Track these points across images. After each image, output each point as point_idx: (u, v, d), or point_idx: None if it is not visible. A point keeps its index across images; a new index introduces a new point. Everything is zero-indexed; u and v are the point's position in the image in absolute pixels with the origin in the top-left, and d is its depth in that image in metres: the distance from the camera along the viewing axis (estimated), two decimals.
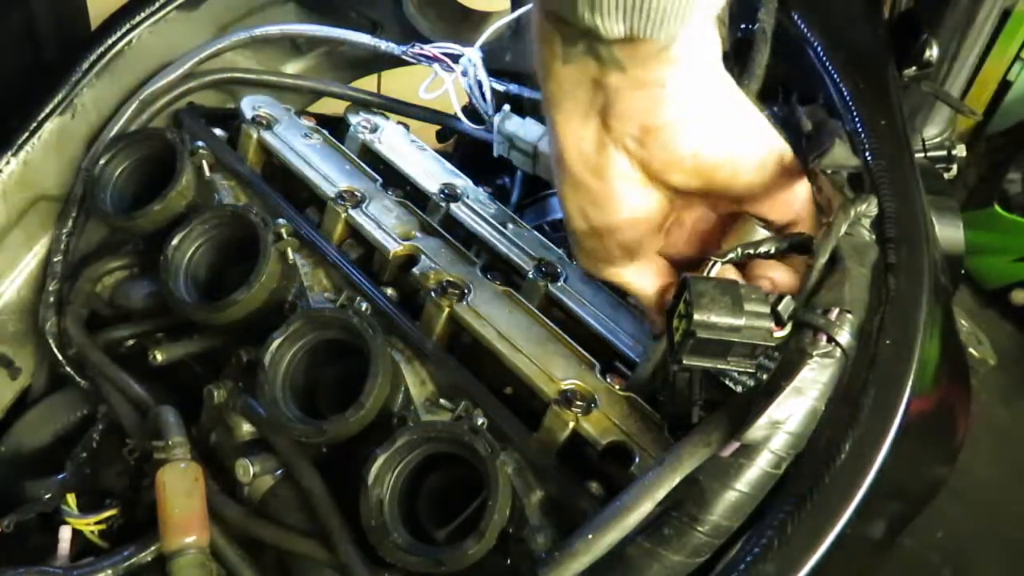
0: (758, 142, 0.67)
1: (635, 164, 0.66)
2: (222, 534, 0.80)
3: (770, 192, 0.69)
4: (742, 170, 0.67)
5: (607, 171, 0.66)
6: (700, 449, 0.62)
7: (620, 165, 0.65)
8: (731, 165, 0.66)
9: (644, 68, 0.59)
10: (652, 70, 0.60)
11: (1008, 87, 2.46)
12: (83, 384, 1.01)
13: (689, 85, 0.61)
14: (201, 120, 1.07)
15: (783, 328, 0.61)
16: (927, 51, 1.00)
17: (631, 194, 0.67)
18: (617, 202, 0.67)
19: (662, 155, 0.64)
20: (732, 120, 0.66)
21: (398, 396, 0.83)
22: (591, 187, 0.67)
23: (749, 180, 0.67)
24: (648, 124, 0.63)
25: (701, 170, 0.66)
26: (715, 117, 0.64)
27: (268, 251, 0.89)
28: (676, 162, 0.65)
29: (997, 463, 2.08)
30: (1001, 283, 2.54)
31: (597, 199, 0.67)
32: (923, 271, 0.69)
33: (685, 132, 0.63)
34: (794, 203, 0.70)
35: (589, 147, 0.65)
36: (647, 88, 0.61)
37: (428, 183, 1.02)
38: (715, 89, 0.64)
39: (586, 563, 0.62)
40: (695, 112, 0.63)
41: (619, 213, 0.68)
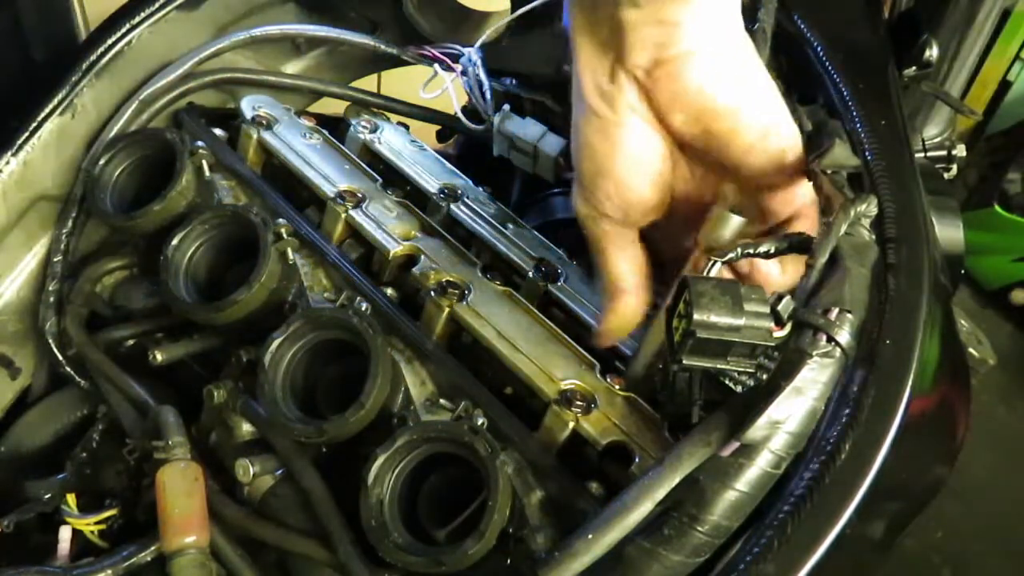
0: (764, 105, 0.68)
1: (643, 97, 0.68)
2: (222, 534, 0.80)
3: (771, 171, 0.69)
4: (743, 128, 0.68)
5: (617, 100, 0.68)
6: (700, 449, 0.62)
7: (629, 96, 0.68)
8: (733, 115, 0.67)
9: (659, 4, 0.62)
10: (667, 7, 0.62)
11: (1008, 87, 2.46)
12: (83, 384, 1.01)
13: (702, 25, 0.64)
14: (201, 120, 1.07)
15: (783, 328, 0.61)
16: (927, 51, 1.00)
17: (635, 129, 0.69)
18: (622, 133, 0.69)
19: (667, 86, 0.67)
20: (741, 72, 0.67)
21: (398, 396, 0.83)
22: (601, 114, 0.69)
23: (750, 143, 0.68)
24: (659, 56, 0.65)
25: (703, 111, 0.67)
26: (723, 62, 0.66)
27: (268, 251, 0.89)
28: (680, 95, 0.67)
29: (997, 463, 2.09)
30: (1001, 283, 2.55)
31: (605, 128, 0.70)
32: (923, 271, 0.69)
33: (693, 66, 0.65)
34: (796, 193, 0.70)
35: (603, 77, 0.68)
36: (661, 24, 0.63)
37: (428, 183, 1.02)
38: (728, 35, 0.66)
39: (586, 563, 0.62)
40: (705, 51, 0.65)
41: (622, 145, 0.70)
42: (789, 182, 0.70)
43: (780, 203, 0.71)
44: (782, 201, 0.71)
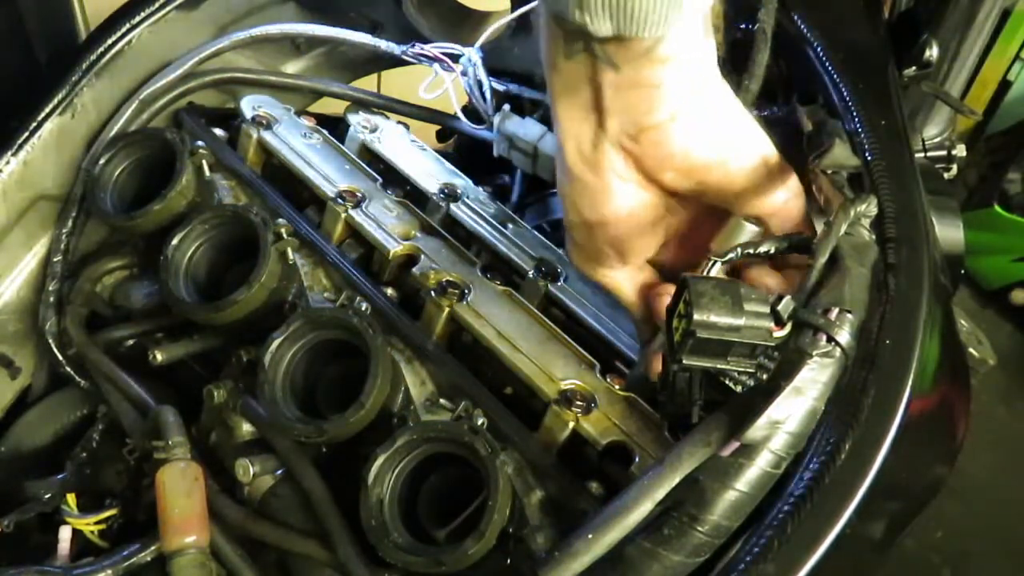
0: (750, 146, 0.68)
1: (629, 162, 0.67)
2: (222, 534, 0.80)
3: (764, 200, 0.69)
4: (734, 173, 0.68)
5: (602, 167, 0.67)
6: (700, 449, 0.62)
7: (614, 162, 0.67)
8: (723, 167, 0.67)
9: (636, 66, 0.61)
10: (644, 69, 0.61)
11: (1008, 87, 2.46)
12: (83, 384, 1.01)
13: (681, 86, 0.63)
14: (201, 120, 1.07)
15: (783, 328, 0.61)
16: (927, 51, 1.00)
17: (624, 191, 0.69)
18: (610, 198, 0.69)
19: (654, 153, 0.66)
20: (724, 123, 0.67)
21: (398, 396, 0.83)
22: (586, 181, 0.69)
23: (742, 184, 0.68)
24: (641, 123, 0.64)
25: (692, 170, 0.67)
26: (707, 118, 0.65)
27: (268, 251, 0.89)
28: (667, 160, 0.66)
29: (997, 463, 2.09)
30: (1001, 283, 2.54)
31: (591, 193, 0.69)
32: (923, 271, 0.68)
33: (677, 132, 0.65)
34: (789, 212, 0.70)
35: (586, 142, 0.67)
36: (640, 88, 0.62)
37: (428, 183, 1.02)
38: (708, 91, 0.65)
39: (586, 563, 0.62)
40: (687, 112, 0.64)
41: (611, 209, 0.69)
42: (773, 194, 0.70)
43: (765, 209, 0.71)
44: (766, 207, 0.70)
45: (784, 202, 0.70)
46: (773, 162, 0.69)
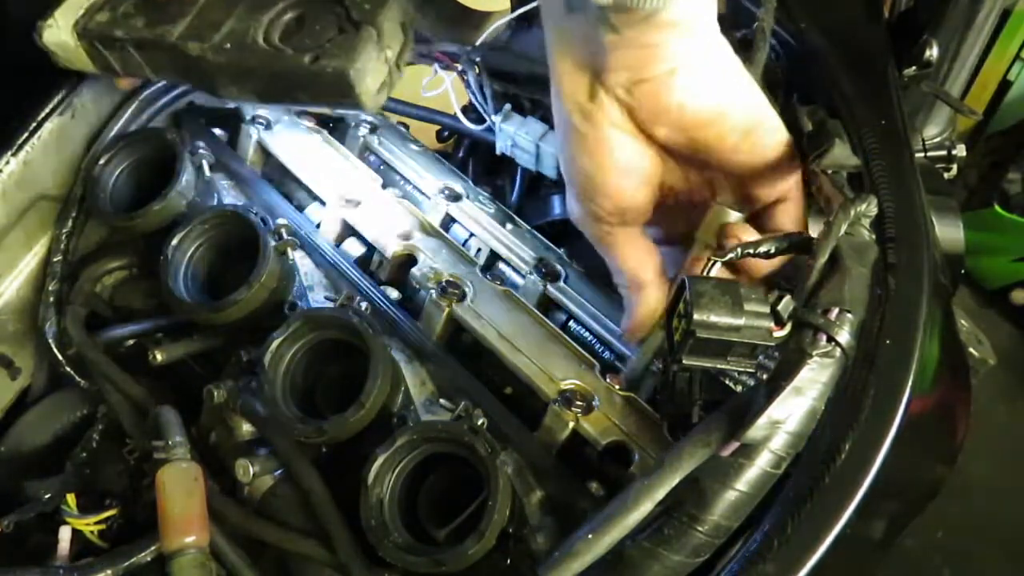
0: (746, 107, 0.69)
1: (624, 113, 0.68)
2: (222, 534, 0.80)
3: (759, 164, 0.70)
4: (727, 132, 0.68)
5: (598, 118, 0.68)
6: (700, 449, 0.62)
7: (611, 113, 0.68)
8: (716, 124, 0.68)
9: (636, 30, 0.62)
10: (644, 32, 0.62)
11: (1008, 87, 2.45)
12: (83, 384, 1.01)
13: (680, 43, 0.64)
14: (201, 120, 1.07)
15: (783, 328, 0.61)
16: (927, 51, 1.00)
17: (620, 142, 0.69)
18: (607, 150, 0.70)
19: (649, 105, 0.67)
20: (721, 80, 0.67)
21: (398, 396, 0.83)
22: (584, 132, 0.69)
23: (735, 144, 0.69)
24: (638, 76, 0.65)
25: (686, 124, 0.68)
26: (704, 75, 0.66)
27: (268, 251, 0.89)
28: (662, 113, 0.67)
29: (997, 463, 2.08)
30: (1001, 283, 2.54)
31: (589, 146, 0.70)
32: (923, 271, 0.68)
33: (673, 85, 0.66)
34: (783, 180, 0.71)
35: (583, 95, 0.68)
36: (640, 47, 0.63)
37: (428, 183, 1.02)
38: (707, 50, 0.66)
39: (586, 563, 0.62)
40: (684, 68, 0.65)
41: (608, 161, 0.70)
42: (775, 170, 0.71)
43: (766, 190, 0.72)
44: (768, 187, 0.72)
45: (776, 167, 0.70)
46: (773, 131, 0.70)
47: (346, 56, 0.73)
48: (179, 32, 0.80)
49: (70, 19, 0.87)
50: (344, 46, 0.74)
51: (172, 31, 0.80)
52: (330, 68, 0.73)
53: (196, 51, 0.78)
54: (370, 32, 0.74)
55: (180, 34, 0.80)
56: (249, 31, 0.77)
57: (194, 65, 0.80)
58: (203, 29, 0.79)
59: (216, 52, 0.78)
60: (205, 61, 0.78)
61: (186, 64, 0.80)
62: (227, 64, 0.78)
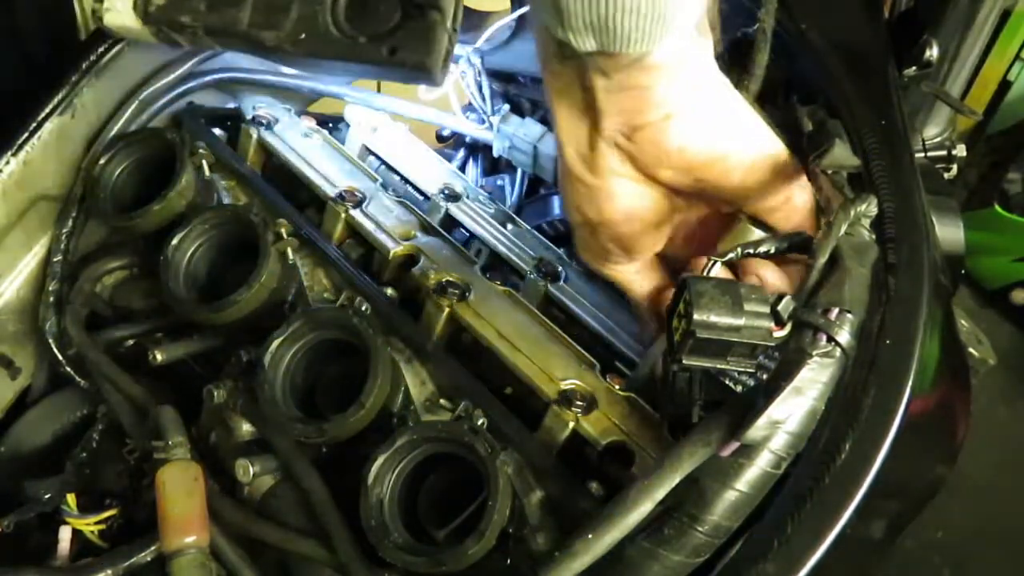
0: (749, 142, 0.68)
1: (626, 160, 0.68)
2: (222, 534, 0.80)
3: (767, 197, 0.69)
4: (732, 169, 0.68)
5: (599, 167, 0.68)
6: (700, 449, 0.62)
7: (611, 162, 0.67)
8: (721, 163, 0.67)
9: (626, 74, 0.61)
10: (634, 76, 0.61)
11: (1008, 87, 2.45)
12: (83, 384, 1.01)
13: (675, 87, 0.63)
14: (201, 120, 1.07)
15: (783, 328, 0.61)
16: (927, 51, 1.00)
17: (623, 190, 0.69)
18: (609, 197, 0.69)
19: (650, 151, 0.66)
20: (721, 118, 0.67)
21: (398, 396, 0.83)
22: (586, 181, 0.69)
23: (741, 180, 0.68)
24: (635, 122, 0.64)
25: (690, 167, 0.67)
26: (703, 115, 0.65)
27: (268, 251, 0.89)
28: (663, 158, 0.66)
29: (997, 463, 2.08)
30: (1001, 283, 2.54)
31: (591, 194, 0.69)
32: (923, 271, 0.68)
33: (672, 129, 0.65)
34: (793, 211, 0.70)
35: (583, 143, 0.67)
36: (631, 90, 0.62)
37: (428, 183, 1.02)
38: (703, 89, 0.65)
39: (586, 563, 0.62)
40: (682, 110, 0.64)
41: (612, 208, 0.70)
42: (781, 186, 0.70)
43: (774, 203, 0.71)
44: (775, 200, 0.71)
45: (786, 199, 0.70)
46: (776, 157, 0.69)
47: (424, 49, 0.73)
48: (248, 18, 0.78)
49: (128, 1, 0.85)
50: (417, 36, 0.73)
51: (240, 17, 0.79)
52: (410, 62, 0.73)
53: (272, 41, 0.78)
54: (435, 16, 0.73)
55: (250, 20, 0.78)
56: (319, 17, 0.76)
57: (271, 52, 0.80)
58: (271, 14, 0.78)
59: (293, 44, 0.77)
60: (282, 51, 0.78)
61: (263, 51, 0.80)
62: (305, 55, 0.78)
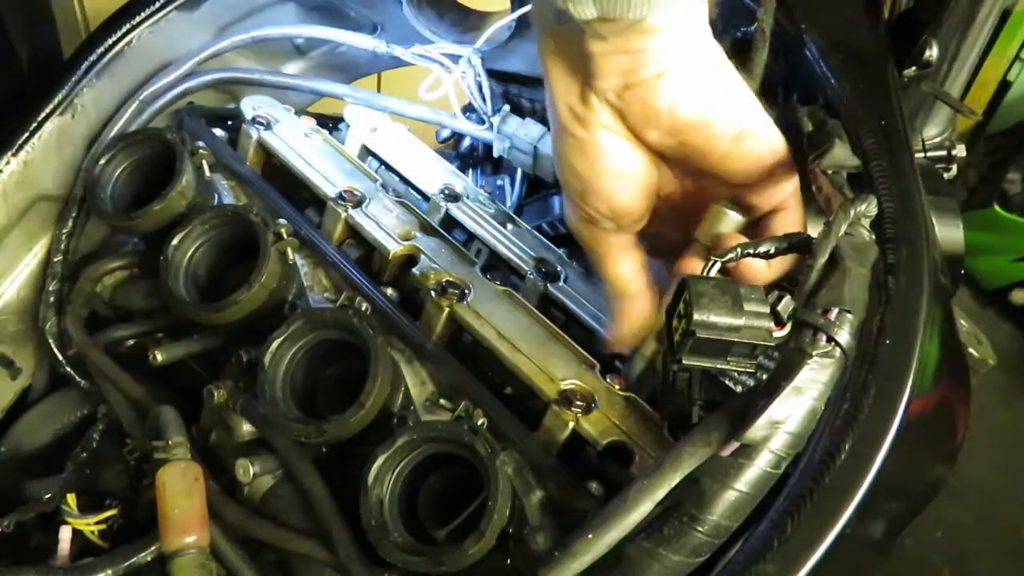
0: (737, 111, 0.69)
1: (616, 117, 0.69)
2: (222, 534, 0.80)
3: (752, 172, 0.70)
4: (717, 136, 0.68)
5: (591, 122, 0.69)
6: (700, 449, 0.62)
7: (602, 117, 0.69)
8: (706, 128, 0.68)
9: (624, 38, 0.63)
10: (631, 39, 0.63)
11: (1008, 87, 2.46)
12: (83, 384, 1.01)
13: (668, 47, 0.64)
14: (201, 120, 1.07)
15: (783, 328, 0.61)
16: (927, 51, 1.00)
17: (613, 146, 0.70)
18: (600, 152, 0.70)
19: (640, 108, 0.67)
20: (712, 85, 0.68)
21: (398, 396, 0.83)
22: (578, 136, 0.70)
23: (726, 150, 0.69)
24: (628, 81, 0.66)
25: (676, 128, 0.68)
26: (695, 78, 0.66)
27: (268, 251, 0.89)
28: (652, 116, 0.68)
29: (997, 463, 2.09)
30: (1001, 283, 2.55)
31: (582, 148, 0.70)
32: (923, 271, 0.68)
33: (663, 88, 0.66)
34: (778, 188, 0.71)
35: (575, 99, 0.69)
36: (627, 53, 0.64)
37: (428, 183, 1.02)
38: (696, 54, 0.66)
39: (586, 563, 0.62)
40: (673, 71, 0.65)
41: (602, 163, 0.70)
42: (769, 179, 0.71)
43: (762, 199, 0.72)
44: (764, 196, 0.72)
45: (771, 176, 0.70)
46: (768, 139, 0.70)
47: None
48: None
49: None
50: None
51: None
52: None
53: None
54: None
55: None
56: None
57: None
58: None
59: None
60: None
61: None
62: None
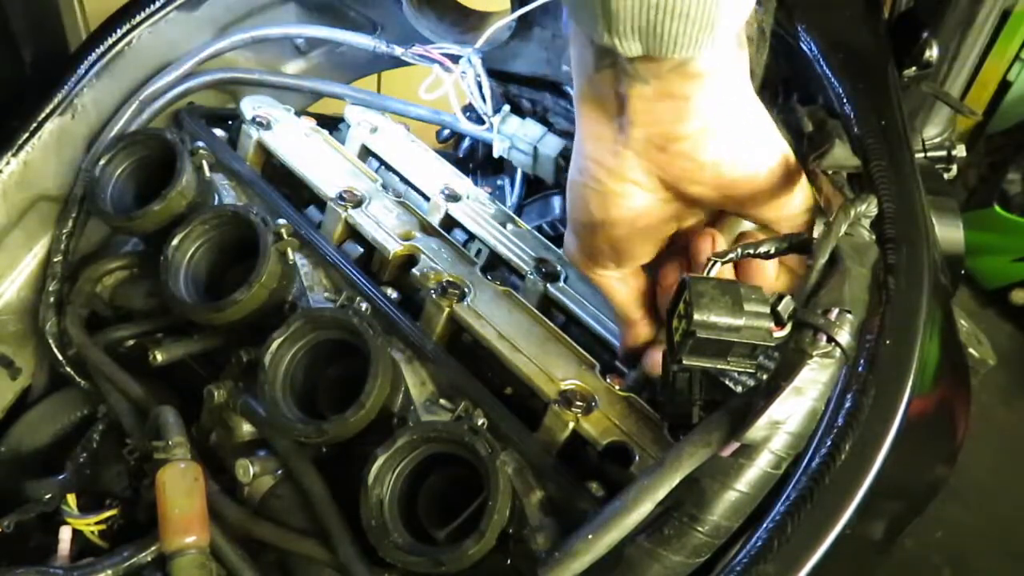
0: (776, 157, 0.68)
1: (651, 171, 0.67)
2: (222, 534, 0.80)
3: (782, 206, 0.69)
4: (761, 185, 0.67)
5: (622, 174, 0.67)
6: (700, 449, 0.62)
7: (635, 172, 0.67)
8: (752, 182, 0.67)
9: (667, 82, 0.61)
10: (675, 84, 0.61)
11: (1008, 87, 2.46)
12: (83, 384, 1.01)
13: (713, 99, 0.62)
14: (201, 120, 1.07)
15: (783, 328, 0.61)
16: (927, 51, 1.00)
17: (638, 197, 0.68)
18: (622, 202, 0.69)
19: (683, 164, 0.65)
20: (755, 136, 0.67)
21: (398, 396, 0.83)
22: (602, 183, 0.68)
23: (768, 195, 0.68)
24: (671, 133, 0.64)
25: (721, 183, 0.67)
26: (738, 131, 0.65)
27: (268, 251, 0.89)
28: (696, 172, 0.66)
29: (997, 463, 2.09)
30: (1001, 283, 2.54)
31: (603, 196, 0.69)
32: (923, 271, 0.68)
33: (707, 144, 0.64)
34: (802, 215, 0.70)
35: (607, 147, 0.67)
36: (671, 100, 0.62)
37: (428, 183, 1.02)
38: (739, 104, 0.65)
39: (586, 563, 0.62)
40: (718, 125, 0.64)
41: (620, 212, 0.69)
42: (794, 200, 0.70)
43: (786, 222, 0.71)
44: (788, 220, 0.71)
45: (799, 207, 0.70)
46: (792, 168, 0.69)
47: None
48: None
49: None
50: None
51: None
52: None
53: None
54: None
55: None
56: None
57: None
58: None
59: None
60: None
61: None
62: None
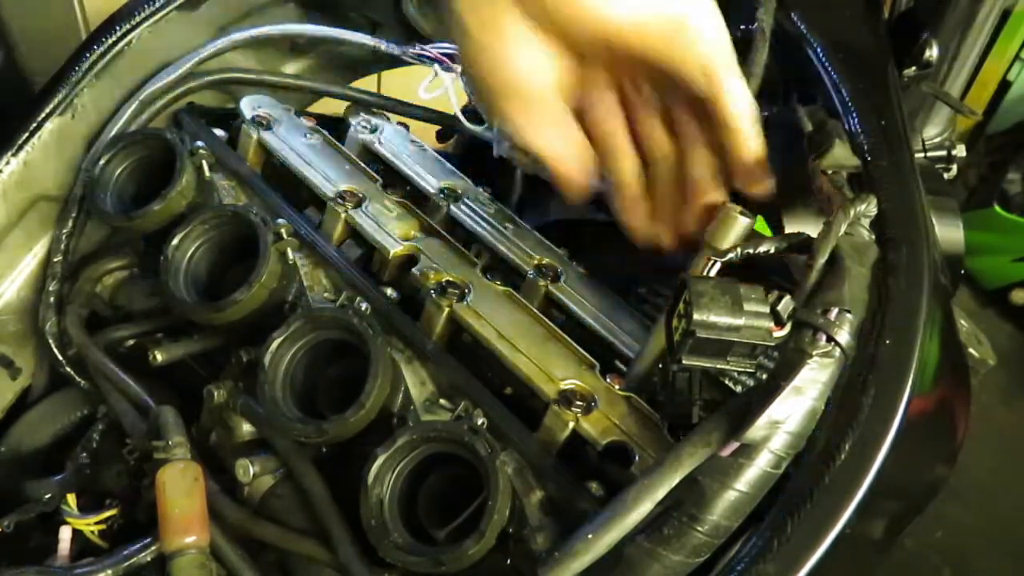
0: (668, 6, 0.66)
1: (529, 18, 0.66)
2: (222, 534, 0.80)
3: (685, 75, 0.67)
4: (651, 36, 0.66)
5: (499, 25, 0.66)
6: (700, 449, 0.62)
7: (511, 21, 0.66)
8: (640, 29, 0.65)
9: None
10: None
11: (1008, 87, 2.46)
12: (83, 384, 1.01)
13: None
14: (201, 120, 1.07)
15: (783, 328, 0.62)
16: (927, 51, 1.00)
17: (523, 48, 0.67)
18: (508, 55, 0.68)
19: (561, 7, 0.64)
20: None
21: (398, 396, 0.83)
22: (482, 41, 0.67)
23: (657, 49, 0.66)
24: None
25: (607, 28, 0.65)
26: None
27: (268, 251, 0.89)
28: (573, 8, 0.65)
29: (997, 463, 2.09)
30: (1001, 283, 2.55)
31: (489, 52, 0.68)
32: (923, 271, 0.69)
33: None
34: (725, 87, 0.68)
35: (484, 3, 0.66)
36: None
37: (428, 183, 1.02)
38: None
39: (586, 563, 0.62)
40: None
41: (511, 66, 0.68)
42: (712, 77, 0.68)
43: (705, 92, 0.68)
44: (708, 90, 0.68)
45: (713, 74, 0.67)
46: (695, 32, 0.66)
47: None
48: None
49: None
50: None
51: None
52: None
53: None
54: None
55: None
56: None
57: None
58: None
59: None
60: None
61: None
62: None
